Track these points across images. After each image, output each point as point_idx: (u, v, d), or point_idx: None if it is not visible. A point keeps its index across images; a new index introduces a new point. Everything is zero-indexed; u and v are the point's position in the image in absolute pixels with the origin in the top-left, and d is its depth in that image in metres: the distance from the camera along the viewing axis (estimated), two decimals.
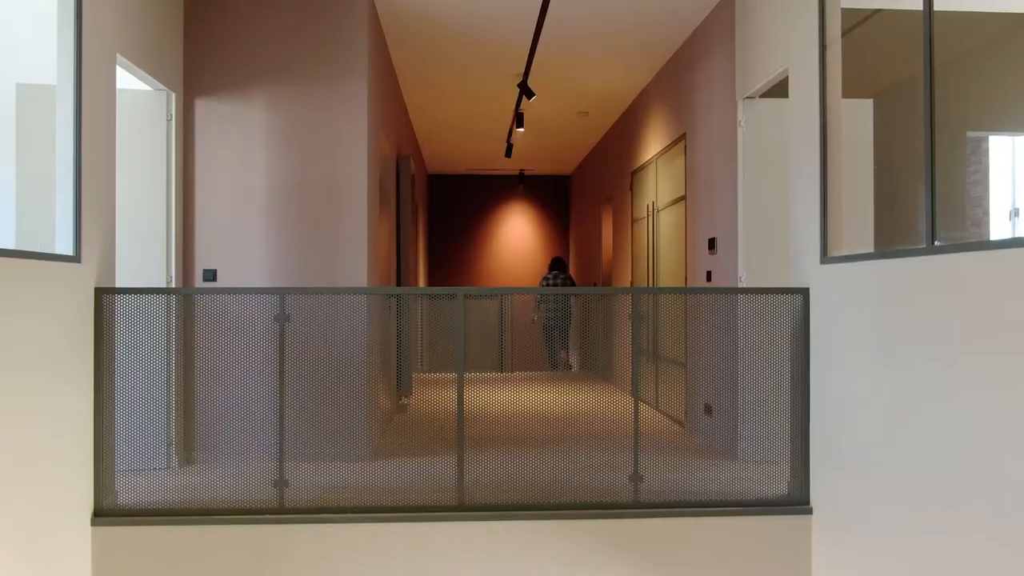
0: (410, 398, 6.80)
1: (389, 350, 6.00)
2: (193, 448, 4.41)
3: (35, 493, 3.20)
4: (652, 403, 6.87)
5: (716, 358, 4.76)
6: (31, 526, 3.17)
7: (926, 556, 2.99)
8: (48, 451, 3.31)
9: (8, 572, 3.02)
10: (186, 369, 4.04)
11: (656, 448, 4.84)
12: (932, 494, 2.95)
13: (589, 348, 10.77)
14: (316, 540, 3.69)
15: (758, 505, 3.86)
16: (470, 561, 3.73)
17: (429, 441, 4.88)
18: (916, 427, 3.05)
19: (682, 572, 3.78)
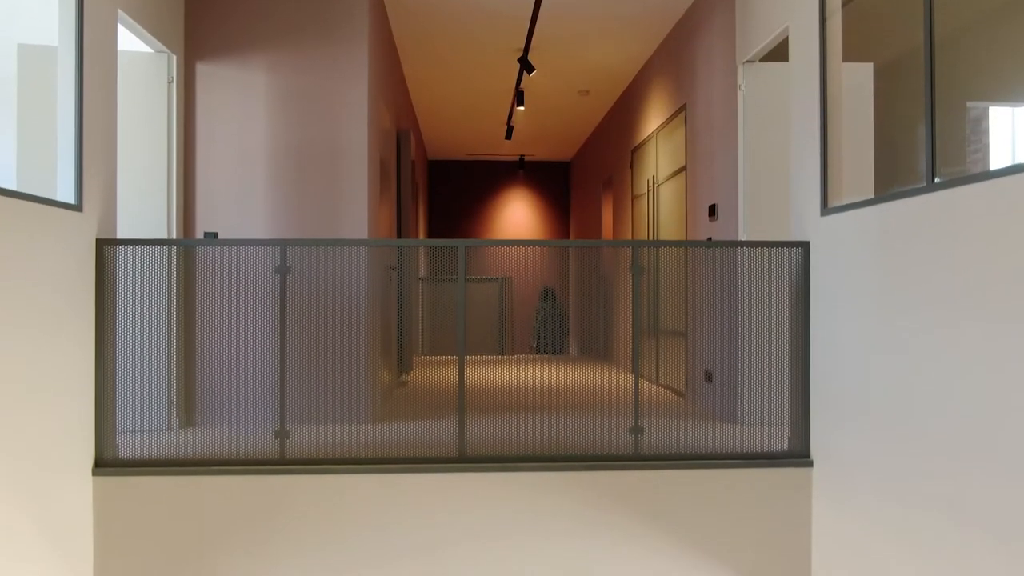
0: (410, 375, 6.81)
1: (389, 325, 6.01)
2: (195, 410, 4.42)
3: (36, 443, 3.20)
4: (652, 379, 6.87)
5: (716, 319, 4.77)
6: (33, 475, 3.17)
7: (925, 504, 2.99)
8: (49, 401, 3.31)
9: (11, 520, 3.02)
10: (187, 325, 4.04)
11: (656, 413, 4.85)
12: (932, 441, 2.95)
13: (589, 334, 10.80)
14: (317, 490, 3.70)
15: (759, 458, 3.87)
16: (471, 511, 3.74)
17: (430, 409, 4.89)
18: (916, 373, 3.05)
19: (683, 523, 3.79)
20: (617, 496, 3.78)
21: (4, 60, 4.38)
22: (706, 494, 3.82)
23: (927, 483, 2.99)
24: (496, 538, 3.73)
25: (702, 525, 3.80)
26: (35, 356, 3.20)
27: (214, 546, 3.66)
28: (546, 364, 7.41)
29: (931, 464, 2.96)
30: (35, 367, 3.19)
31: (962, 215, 2.78)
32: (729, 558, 3.80)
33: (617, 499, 3.78)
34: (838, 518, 3.64)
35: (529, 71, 6.87)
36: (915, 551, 3.05)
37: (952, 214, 2.84)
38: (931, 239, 2.96)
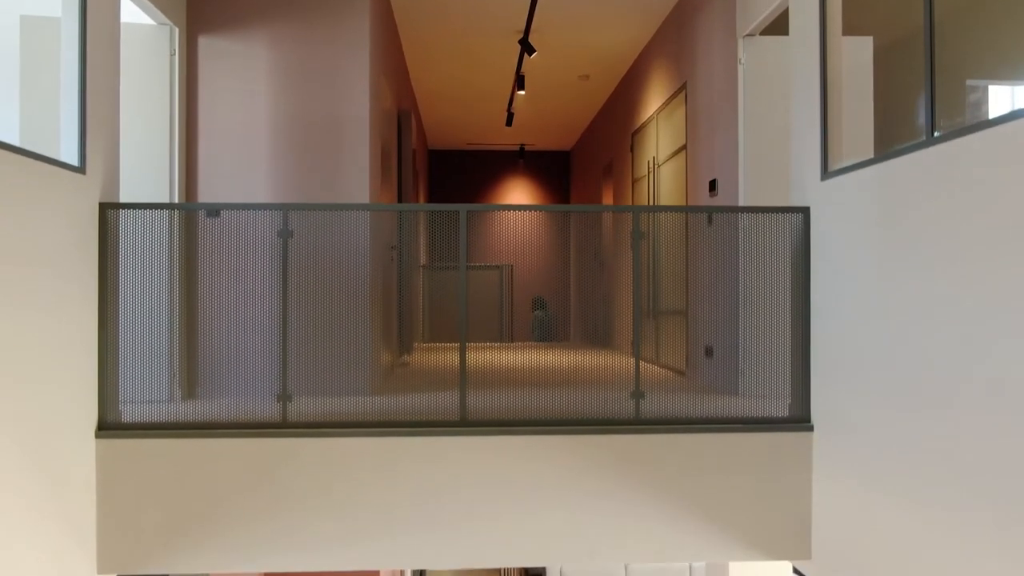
0: (411, 357, 6.82)
1: (390, 303, 6.02)
2: (196, 382, 4.43)
3: (40, 405, 3.21)
4: (653, 359, 6.88)
5: (716, 292, 4.79)
6: (36, 437, 3.18)
7: (926, 465, 3.00)
8: (52, 364, 3.32)
9: (15, 481, 3.03)
10: (189, 293, 4.06)
11: (657, 390, 4.86)
12: (933, 401, 2.96)
13: (589, 320, 10.81)
14: (320, 453, 3.71)
15: (759, 422, 3.88)
16: (472, 474, 3.75)
17: (431, 383, 4.89)
18: (916, 333, 3.06)
19: (683, 486, 3.80)
20: (617, 459, 3.79)
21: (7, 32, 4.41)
22: (706, 458, 3.83)
23: (928, 444, 2.99)
24: (496, 500, 3.75)
25: (702, 488, 3.82)
26: (39, 319, 3.20)
27: (215, 508, 3.67)
28: (547, 349, 7.44)
29: (932, 424, 2.97)
30: (39, 330, 3.20)
31: (963, 168, 2.79)
32: (729, 521, 3.82)
33: (617, 462, 3.79)
34: (838, 482, 3.65)
35: (530, 53, 6.89)
36: (915, 512, 3.06)
37: (953, 167, 2.85)
38: (932, 195, 2.97)
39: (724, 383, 4.92)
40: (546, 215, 13.05)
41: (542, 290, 12.11)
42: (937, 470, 2.92)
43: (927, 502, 2.98)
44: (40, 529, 3.20)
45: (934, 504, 2.93)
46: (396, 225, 6.93)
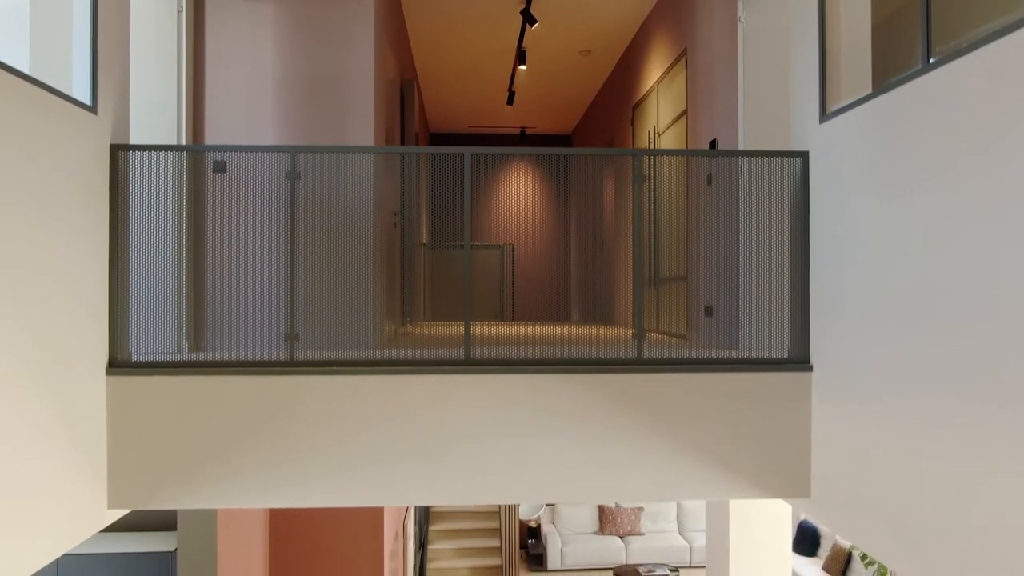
0: (413, 326, 6.88)
1: (393, 270, 6.08)
2: (204, 336, 4.48)
3: (52, 342, 3.26)
4: (653, 328, 6.94)
5: (716, 244, 4.84)
6: (49, 373, 3.23)
7: (923, 398, 3.05)
8: (63, 302, 3.36)
9: (29, 416, 3.07)
10: (197, 239, 4.12)
11: (656, 348, 4.91)
12: (931, 333, 3.01)
13: (589, 299, 10.87)
14: (326, 391, 3.77)
15: (759, 363, 3.94)
16: (477, 411, 3.81)
17: (433, 343, 4.96)
18: (915, 264, 3.11)
19: (685, 425, 3.86)
20: (619, 399, 3.85)
21: None
22: (706, 398, 3.89)
23: (926, 377, 3.04)
24: (499, 438, 3.81)
25: (702, 428, 3.88)
26: (51, 257, 3.25)
27: (223, 445, 3.73)
28: (548, 326, 7.47)
29: (930, 357, 3.02)
30: (51, 267, 3.24)
31: (961, 91, 2.85)
32: (729, 460, 3.88)
33: (619, 401, 3.85)
34: (837, 421, 3.71)
35: (531, 23, 6.95)
36: (914, 445, 3.11)
37: (951, 92, 2.90)
38: (931, 124, 3.03)
39: (725, 340, 4.97)
40: (545, 198, 13.12)
41: (542, 270, 12.17)
42: (936, 401, 2.97)
43: (925, 435, 3.03)
44: (53, 464, 3.25)
45: (933, 436, 2.98)
46: (399, 192, 7.00)
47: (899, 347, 3.21)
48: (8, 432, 2.91)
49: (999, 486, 2.62)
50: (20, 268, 3.01)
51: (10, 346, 2.93)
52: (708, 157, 4.70)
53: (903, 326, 3.18)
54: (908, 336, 3.15)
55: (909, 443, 3.13)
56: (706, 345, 5.30)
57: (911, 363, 3.13)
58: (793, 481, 3.91)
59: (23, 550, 2.99)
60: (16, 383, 2.98)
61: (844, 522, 3.65)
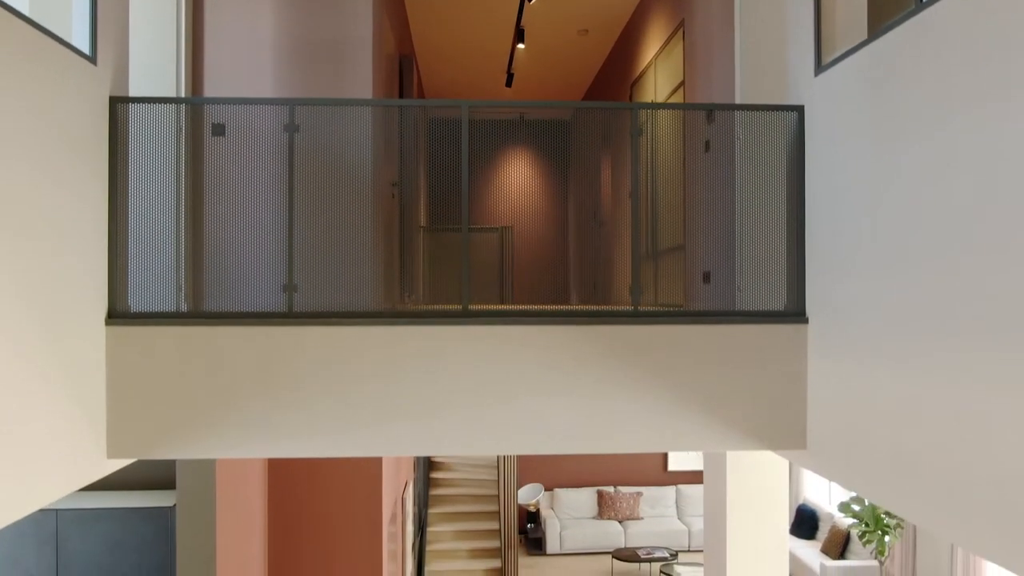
0: (412, 302, 6.89)
1: (392, 243, 6.10)
2: (203, 289, 4.48)
3: (52, 290, 3.26)
4: (652, 302, 6.96)
5: (713, 207, 4.87)
6: (49, 322, 3.24)
7: (917, 345, 3.07)
8: (62, 252, 3.36)
9: (30, 364, 3.08)
10: (196, 192, 4.14)
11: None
12: (924, 280, 3.03)
13: (588, 278, 10.89)
14: (324, 342, 3.79)
15: (755, 315, 3.96)
16: (474, 362, 3.83)
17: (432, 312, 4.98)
18: (909, 217, 3.13)
19: (682, 377, 3.88)
20: (616, 350, 3.87)
21: None
22: (703, 350, 3.91)
23: (921, 323, 3.06)
24: (496, 389, 3.82)
25: (699, 380, 3.89)
26: (49, 208, 3.24)
27: (221, 395, 3.75)
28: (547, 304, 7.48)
29: (925, 304, 3.03)
30: (49, 219, 3.24)
31: (955, 28, 2.87)
32: (726, 412, 3.90)
33: (616, 353, 3.87)
34: (833, 372, 3.73)
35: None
36: (908, 392, 3.13)
37: (944, 31, 2.92)
38: (924, 65, 3.05)
39: (722, 305, 4.99)
40: (544, 182, 13.14)
41: (541, 251, 12.19)
42: (932, 345, 2.99)
43: (922, 379, 3.05)
44: (52, 411, 3.26)
45: (930, 379, 3.00)
46: (398, 163, 7.01)
47: (895, 294, 3.23)
48: (7, 378, 2.92)
49: (998, 424, 2.64)
50: (18, 218, 3.02)
51: (8, 294, 2.94)
52: (705, 111, 4.73)
53: (899, 273, 3.20)
54: (904, 282, 3.17)
55: (906, 388, 3.15)
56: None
57: (907, 309, 3.15)
58: (789, 433, 3.94)
59: (19, 491, 3.01)
60: (15, 330, 2.99)
61: (841, 471, 3.68)
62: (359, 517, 5.35)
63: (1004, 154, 2.59)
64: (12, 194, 2.96)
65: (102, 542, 4.21)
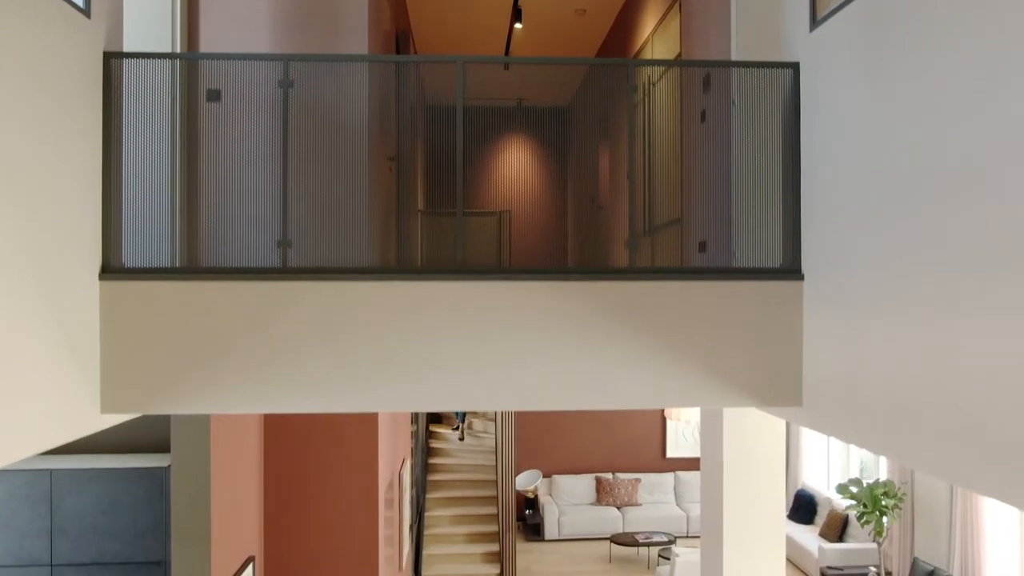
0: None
1: (389, 214, 6.09)
2: (197, 245, 4.46)
3: (46, 244, 3.25)
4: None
5: (710, 168, 4.86)
6: (44, 277, 3.23)
7: (912, 299, 3.06)
8: (55, 207, 3.34)
9: (24, 318, 3.07)
10: (191, 149, 4.13)
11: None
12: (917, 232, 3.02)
13: (587, 259, 10.89)
14: (319, 297, 3.77)
15: (751, 272, 3.96)
16: (468, 319, 3.82)
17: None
18: (903, 166, 3.12)
19: (678, 333, 3.87)
20: (612, 307, 3.86)
21: None
22: (699, 307, 3.90)
23: (917, 270, 3.05)
24: (491, 345, 3.81)
25: (695, 337, 3.88)
26: (43, 162, 3.22)
27: (216, 351, 3.73)
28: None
29: (920, 249, 3.03)
30: (43, 173, 3.22)
31: None
32: (722, 369, 3.89)
33: (613, 309, 3.86)
34: (828, 329, 3.72)
35: None
36: (903, 347, 3.12)
37: None
38: (917, 16, 3.04)
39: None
40: (542, 163, 13.14)
41: (540, 234, 12.18)
42: (927, 291, 2.98)
43: (915, 327, 3.04)
44: (46, 366, 3.25)
45: (922, 327, 2.99)
46: (395, 136, 7.01)
47: (890, 242, 3.23)
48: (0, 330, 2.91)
49: (992, 361, 2.64)
50: (10, 172, 2.99)
51: (2, 247, 2.92)
52: (700, 67, 4.72)
53: (894, 222, 3.19)
54: (899, 231, 3.16)
55: (901, 334, 3.14)
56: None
57: (902, 257, 3.14)
58: (785, 390, 3.93)
59: (10, 438, 2.99)
60: (8, 284, 2.97)
61: (837, 425, 3.67)
62: (355, 481, 5.35)
63: (999, 99, 2.59)
64: (4, 148, 2.94)
65: (96, 502, 4.20)
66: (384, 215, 5.22)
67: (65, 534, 4.18)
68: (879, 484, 9.12)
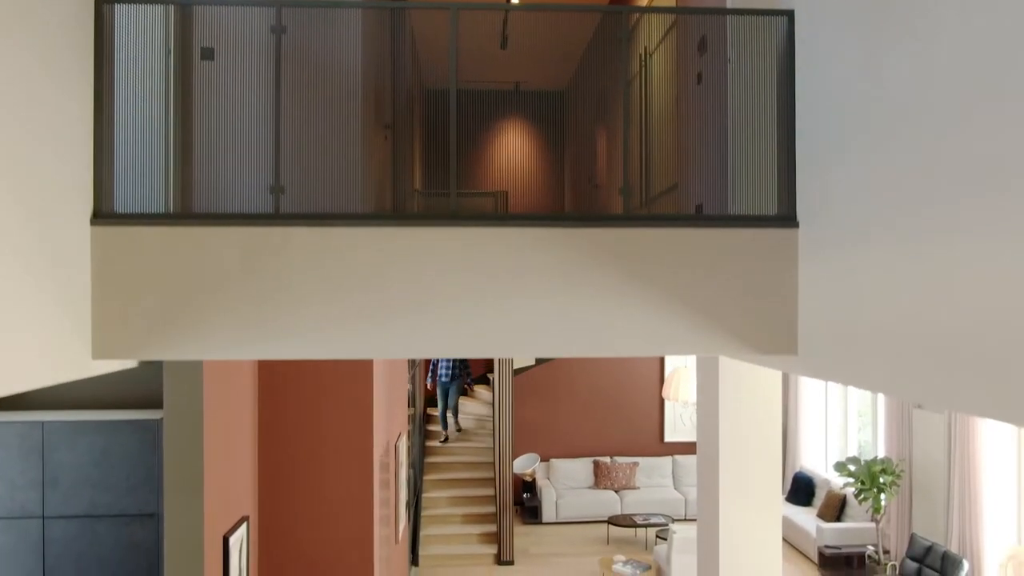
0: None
1: (384, 173, 6.08)
2: (191, 193, 4.42)
3: (37, 188, 3.22)
4: None
5: (706, 129, 4.85)
6: (35, 221, 3.20)
7: (907, 236, 3.05)
8: (46, 151, 3.32)
9: (16, 261, 3.04)
10: (184, 96, 4.11)
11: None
12: (912, 167, 3.00)
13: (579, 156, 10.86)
14: (313, 243, 3.75)
15: (746, 219, 3.94)
16: (462, 265, 3.80)
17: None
18: (896, 103, 3.10)
19: (672, 281, 3.85)
20: (606, 253, 3.84)
21: None
22: (694, 254, 3.88)
23: (908, 205, 3.04)
24: (485, 291, 3.80)
25: (690, 284, 3.87)
26: (34, 107, 3.18)
27: (208, 296, 3.71)
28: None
29: (915, 185, 3.01)
30: (33, 118, 3.18)
31: None
32: (717, 317, 3.87)
33: (607, 256, 3.84)
34: (823, 276, 3.70)
35: None
36: (898, 288, 3.11)
37: None
38: None
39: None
40: (539, 146, 13.13)
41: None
42: (922, 225, 2.96)
43: (910, 268, 3.02)
44: (37, 309, 3.22)
45: (918, 265, 2.98)
46: (390, 105, 6.98)
47: (884, 180, 3.21)
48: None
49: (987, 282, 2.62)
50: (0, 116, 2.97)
51: None
52: (695, 15, 4.70)
53: (887, 160, 3.18)
54: (893, 168, 3.14)
55: (899, 270, 3.12)
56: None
57: (895, 193, 3.13)
58: (780, 338, 3.91)
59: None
60: (4, 231, 2.95)
61: (834, 369, 3.65)
62: (351, 443, 5.33)
63: (993, 37, 2.57)
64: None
65: (89, 454, 4.18)
66: (379, 167, 5.20)
67: (57, 486, 4.16)
68: (877, 461, 9.12)
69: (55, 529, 4.14)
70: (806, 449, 12.17)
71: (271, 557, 5.29)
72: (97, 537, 4.17)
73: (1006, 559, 7.03)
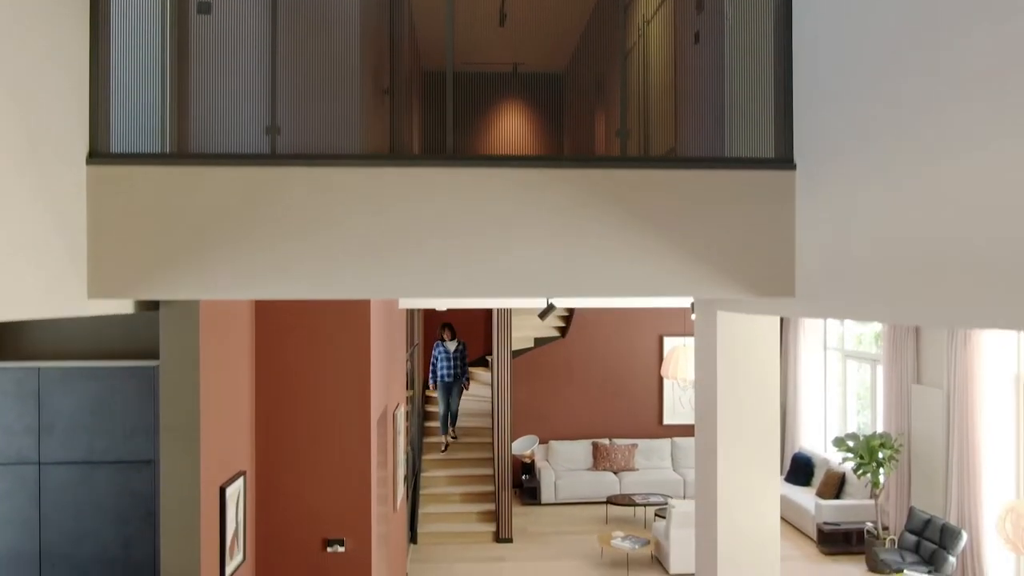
0: None
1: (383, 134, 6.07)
2: (187, 138, 4.40)
3: (29, 129, 3.19)
4: None
5: (704, 86, 4.84)
6: (30, 159, 3.18)
7: (904, 170, 3.03)
8: (41, 89, 3.30)
9: (12, 199, 3.03)
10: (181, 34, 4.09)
11: None
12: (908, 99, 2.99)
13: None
14: (310, 183, 3.74)
15: (744, 161, 3.93)
16: (459, 207, 3.79)
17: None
18: (894, 47, 3.10)
19: (669, 222, 3.84)
20: (604, 194, 3.83)
21: None
22: (690, 196, 3.87)
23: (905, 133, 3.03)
24: (482, 233, 3.79)
25: (687, 226, 3.85)
26: (28, 45, 3.15)
27: (205, 236, 3.70)
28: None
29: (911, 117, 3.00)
30: (27, 56, 3.16)
31: None
32: (714, 259, 3.86)
33: (604, 197, 3.83)
34: (820, 218, 3.69)
35: None
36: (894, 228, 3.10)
37: None
38: None
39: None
40: (539, 131, 13.11)
41: None
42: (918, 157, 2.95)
43: (908, 189, 3.02)
44: (35, 249, 3.21)
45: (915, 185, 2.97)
46: (388, 73, 6.98)
47: (881, 116, 3.20)
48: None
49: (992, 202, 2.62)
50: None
51: None
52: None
53: (886, 93, 3.17)
54: (891, 102, 3.14)
55: (897, 190, 3.12)
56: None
57: (892, 124, 3.12)
58: (777, 280, 3.90)
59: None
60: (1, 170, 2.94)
61: (833, 306, 3.64)
62: (348, 397, 5.33)
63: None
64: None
65: (85, 400, 4.17)
66: (378, 124, 5.20)
67: (53, 432, 4.15)
68: (876, 436, 9.11)
69: (51, 475, 4.13)
70: (805, 429, 12.17)
71: (268, 514, 5.29)
72: (94, 484, 4.16)
73: (1004, 512, 7.02)
